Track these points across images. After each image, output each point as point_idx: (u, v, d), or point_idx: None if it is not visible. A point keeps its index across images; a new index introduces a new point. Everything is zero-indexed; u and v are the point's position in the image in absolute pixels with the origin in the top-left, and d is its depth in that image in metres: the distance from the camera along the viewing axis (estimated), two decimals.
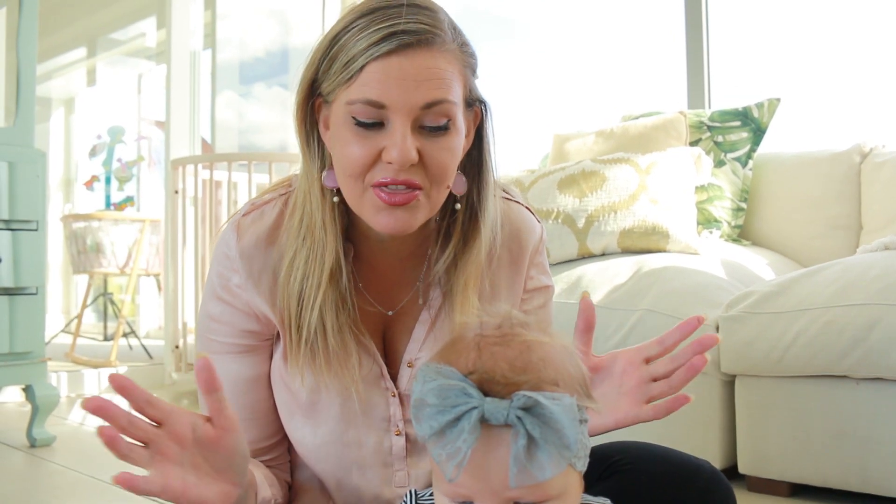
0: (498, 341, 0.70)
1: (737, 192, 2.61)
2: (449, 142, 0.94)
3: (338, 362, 1.00)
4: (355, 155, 0.92)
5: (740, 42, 3.27)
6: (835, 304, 1.80)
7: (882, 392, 1.75)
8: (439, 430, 0.65)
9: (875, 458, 1.75)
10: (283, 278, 1.00)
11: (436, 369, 0.67)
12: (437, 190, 0.95)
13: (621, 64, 3.82)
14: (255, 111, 5.42)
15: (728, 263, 2.28)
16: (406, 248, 1.06)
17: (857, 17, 3.00)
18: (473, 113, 1.01)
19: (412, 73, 0.90)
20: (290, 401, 1.06)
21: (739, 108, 2.67)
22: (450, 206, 1.04)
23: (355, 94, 0.91)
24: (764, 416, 1.92)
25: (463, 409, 0.64)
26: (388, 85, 0.89)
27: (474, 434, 0.64)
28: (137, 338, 4.76)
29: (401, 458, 1.06)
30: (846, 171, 2.55)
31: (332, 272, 0.98)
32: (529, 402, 0.64)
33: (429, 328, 1.06)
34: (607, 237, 2.38)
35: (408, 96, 0.90)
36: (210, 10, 5.03)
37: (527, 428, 0.64)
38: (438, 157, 0.93)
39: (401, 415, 1.05)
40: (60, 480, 2.24)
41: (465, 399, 0.65)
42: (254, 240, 1.02)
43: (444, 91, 0.92)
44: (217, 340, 1.06)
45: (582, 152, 2.79)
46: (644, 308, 2.10)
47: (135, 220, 4.46)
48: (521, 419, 0.64)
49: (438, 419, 0.65)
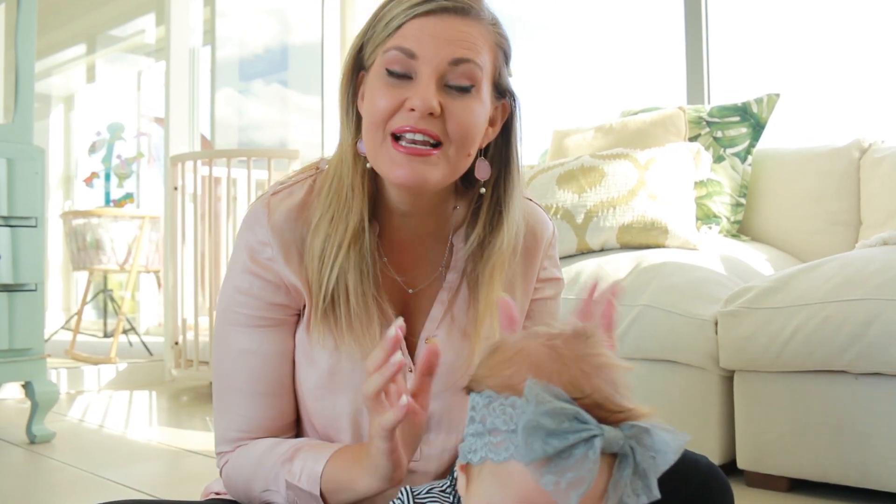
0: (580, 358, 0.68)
1: (736, 187, 2.61)
2: (471, 104, 0.98)
3: (359, 325, 1.02)
4: (381, 104, 0.98)
5: (740, 37, 3.27)
6: (833, 300, 1.80)
7: (881, 387, 1.75)
8: (552, 455, 0.63)
9: (874, 452, 1.75)
10: (309, 238, 1.04)
11: (545, 389, 0.64)
12: (456, 151, 0.98)
13: (621, 59, 3.82)
14: (254, 108, 5.42)
15: (727, 259, 2.28)
16: (428, 227, 1.10)
17: (857, 12, 3.00)
18: (503, 105, 1.06)
19: (445, 33, 0.97)
20: (310, 372, 1.07)
21: (739, 104, 2.66)
22: (475, 194, 1.08)
23: (391, 44, 0.98)
24: (763, 412, 1.92)
25: (582, 437, 0.62)
26: (422, 39, 0.97)
27: (598, 463, 0.62)
28: (137, 334, 4.76)
29: None
30: (845, 167, 2.55)
31: (356, 234, 1.01)
32: (640, 431, 0.64)
33: (446, 309, 1.08)
34: (606, 233, 2.37)
35: (438, 50, 0.96)
36: (209, 6, 5.03)
37: (636, 458, 0.64)
38: (459, 115, 0.97)
39: None
40: (60, 477, 2.24)
41: (583, 426, 0.63)
42: (284, 214, 1.05)
43: (473, 53, 0.98)
44: (243, 313, 1.07)
45: (581, 148, 2.79)
46: (643, 303, 2.10)
47: (134, 216, 4.46)
48: (633, 449, 0.64)
49: (553, 444, 0.62)
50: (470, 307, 1.08)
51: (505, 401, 0.66)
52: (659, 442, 0.64)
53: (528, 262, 1.14)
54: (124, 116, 5.71)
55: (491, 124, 1.04)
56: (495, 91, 1.03)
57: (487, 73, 1.00)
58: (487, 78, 1.00)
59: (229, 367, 1.09)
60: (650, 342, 2.08)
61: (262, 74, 5.31)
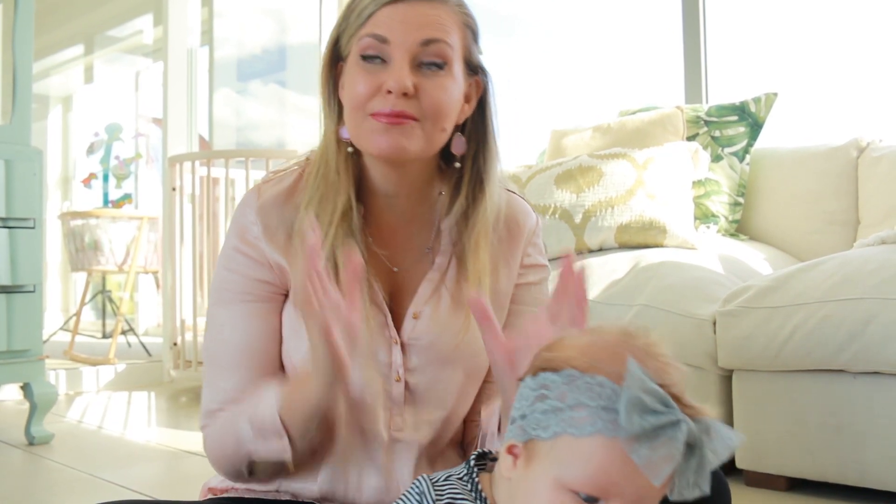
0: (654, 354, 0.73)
1: (734, 186, 2.61)
2: (443, 81, 1.04)
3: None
4: (359, 89, 1.04)
5: (737, 37, 3.27)
6: (832, 299, 1.81)
7: (879, 386, 1.75)
8: (651, 431, 0.67)
9: (872, 451, 1.75)
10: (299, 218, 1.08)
11: (642, 371, 0.69)
12: (431, 125, 1.04)
13: (619, 59, 3.82)
14: (252, 108, 5.41)
15: (725, 258, 2.28)
16: (412, 209, 1.14)
17: (855, 11, 3.00)
18: (476, 81, 1.12)
19: (414, 17, 1.03)
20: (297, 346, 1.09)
21: (737, 103, 2.66)
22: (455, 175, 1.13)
23: (364, 31, 1.05)
24: (761, 411, 1.92)
25: (671, 419, 0.67)
26: (392, 24, 1.03)
27: (683, 446, 0.67)
28: (136, 335, 4.76)
29: (399, 404, 1.10)
30: (843, 166, 2.55)
31: (344, 211, 1.07)
32: (708, 426, 0.69)
33: (435, 286, 1.12)
34: (604, 232, 2.38)
35: (408, 34, 1.03)
36: (207, 7, 5.02)
37: (703, 451, 0.68)
38: (432, 93, 1.03)
39: (401, 362, 1.09)
40: (58, 478, 2.24)
41: (671, 410, 0.68)
42: (272, 197, 1.11)
43: (442, 33, 1.04)
44: (230, 290, 1.11)
45: (579, 147, 2.79)
46: (641, 303, 2.10)
47: (132, 217, 4.46)
48: (703, 442, 0.68)
49: (651, 420, 0.67)
50: (460, 277, 1.12)
51: (591, 379, 0.71)
52: (721, 438, 0.68)
53: (511, 248, 1.17)
54: (122, 117, 5.72)
55: (466, 101, 1.10)
56: (467, 68, 1.09)
57: (458, 52, 1.06)
58: (458, 56, 1.07)
59: (216, 342, 1.12)
60: None
61: (260, 74, 5.31)
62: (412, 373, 1.10)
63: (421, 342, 1.10)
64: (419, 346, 1.10)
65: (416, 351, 1.10)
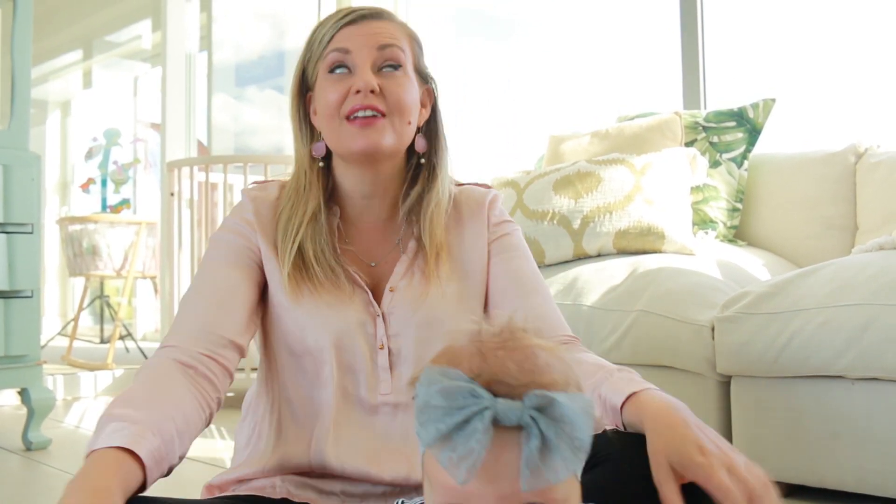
0: (500, 345, 0.68)
1: (732, 192, 2.61)
2: (402, 80, 1.22)
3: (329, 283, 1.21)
4: (331, 97, 1.20)
5: (735, 42, 3.27)
6: (830, 305, 1.80)
7: (877, 392, 1.75)
8: (447, 433, 0.63)
9: (871, 458, 1.75)
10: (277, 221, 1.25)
11: (440, 371, 0.65)
12: (398, 119, 1.21)
13: (617, 65, 3.83)
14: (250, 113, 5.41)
15: (724, 264, 2.28)
16: (383, 208, 1.30)
17: (853, 17, 3.01)
18: (427, 90, 1.30)
19: (369, 30, 1.22)
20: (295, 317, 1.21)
21: (735, 109, 2.67)
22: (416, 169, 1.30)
23: (327, 51, 1.22)
24: (759, 417, 1.92)
25: (473, 410, 0.62)
26: (352, 38, 1.22)
27: (488, 434, 0.62)
28: (134, 340, 4.76)
29: (385, 369, 1.22)
30: (841, 172, 2.55)
31: (313, 215, 1.23)
32: (544, 401, 0.62)
33: (407, 266, 1.27)
34: (603, 238, 2.38)
35: (366, 41, 1.21)
36: (206, 12, 5.02)
37: (541, 428, 0.62)
38: (395, 90, 1.20)
39: (384, 331, 1.23)
40: (56, 484, 2.23)
41: (475, 400, 0.63)
42: (263, 197, 1.29)
43: (395, 40, 1.23)
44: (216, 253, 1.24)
45: (577, 153, 2.79)
46: (640, 309, 2.10)
47: (131, 222, 4.46)
48: (535, 419, 0.62)
49: (446, 421, 0.63)
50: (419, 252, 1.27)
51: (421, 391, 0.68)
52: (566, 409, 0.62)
53: (475, 221, 1.33)
54: (121, 122, 5.72)
55: (423, 105, 1.28)
56: (419, 76, 1.27)
57: (409, 58, 1.25)
58: (410, 61, 1.25)
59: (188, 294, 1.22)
60: (647, 348, 2.08)
61: (259, 80, 5.31)
62: (394, 338, 1.22)
63: (400, 310, 1.23)
64: (398, 314, 1.23)
65: (396, 319, 1.23)
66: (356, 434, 1.19)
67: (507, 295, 1.28)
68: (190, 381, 1.09)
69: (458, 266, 1.29)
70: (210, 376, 1.12)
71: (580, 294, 2.24)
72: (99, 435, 0.95)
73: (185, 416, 1.06)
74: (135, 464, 0.93)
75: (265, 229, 1.25)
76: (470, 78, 4.33)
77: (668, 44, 3.27)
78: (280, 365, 1.25)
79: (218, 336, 1.15)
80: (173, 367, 1.10)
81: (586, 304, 2.21)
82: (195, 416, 1.08)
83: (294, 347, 1.23)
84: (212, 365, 1.13)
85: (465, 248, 1.30)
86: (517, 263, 1.31)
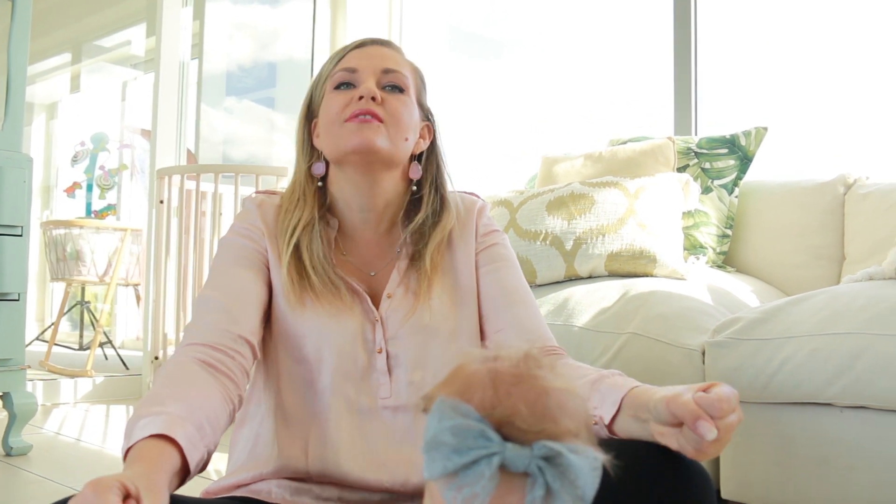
0: (514, 381, 0.68)
1: (722, 218, 2.64)
2: (404, 100, 1.28)
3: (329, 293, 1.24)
4: (334, 106, 1.27)
5: (727, 70, 3.31)
6: (821, 333, 1.82)
7: (865, 420, 1.76)
8: (453, 472, 0.62)
9: (857, 485, 1.76)
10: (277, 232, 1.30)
11: (452, 406, 0.65)
12: (395, 130, 1.26)
13: (608, 88, 3.86)
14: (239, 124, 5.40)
15: (714, 289, 2.30)
16: (382, 224, 1.34)
17: (846, 49, 3.05)
18: (427, 126, 1.37)
19: (376, 54, 1.30)
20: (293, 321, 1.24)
21: (727, 136, 2.69)
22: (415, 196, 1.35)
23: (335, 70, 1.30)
24: (748, 442, 1.93)
25: (482, 453, 0.62)
26: (359, 59, 1.29)
27: (494, 481, 0.62)
28: (114, 347, 4.72)
29: (384, 373, 1.25)
30: (830, 202, 2.58)
31: (307, 224, 1.27)
32: (551, 452, 0.63)
33: (404, 272, 1.31)
34: (595, 260, 2.39)
35: (371, 62, 1.29)
36: (199, 20, 5.02)
37: (546, 479, 0.62)
38: (395, 105, 1.27)
39: (382, 336, 1.26)
40: (37, 490, 2.21)
41: (485, 443, 0.63)
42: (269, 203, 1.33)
43: (399, 66, 1.30)
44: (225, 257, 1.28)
45: (570, 175, 2.80)
46: (630, 331, 2.11)
47: (117, 228, 4.43)
48: (542, 469, 0.62)
49: (454, 460, 0.62)
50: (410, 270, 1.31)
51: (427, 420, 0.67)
52: (574, 464, 0.63)
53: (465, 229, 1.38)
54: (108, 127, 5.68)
55: (422, 137, 1.35)
56: (421, 110, 1.34)
57: (412, 87, 1.32)
58: (413, 91, 1.31)
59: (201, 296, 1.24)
60: (637, 370, 2.08)
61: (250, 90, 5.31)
62: (392, 342, 1.26)
63: (397, 314, 1.27)
64: (395, 318, 1.27)
65: (393, 322, 1.26)
66: (355, 440, 1.21)
67: (495, 305, 1.34)
68: (212, 377, 1.11)
69: (451, 274, 1.34)
70: (230, 374, 1.14)
71: (571, 315, 2.25)
72: (130, 434, 0.94)
73: (213, 408, 1.06)
74: (173, 448, 0.93)
75: (271, 233, 1.29)
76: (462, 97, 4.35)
77: (661, 69, 3.31)
78: (279, 370, 1.27)
79: (234, 335, 1.17)
80: (195, 365, 1.11)
81: (577, 324, 2.22)
82: (221, 410, 1.09)
83: (294, 354, 1.25)
84: (230, 363, 1.15)
85: (457, 257, 1.36)
86: (504, 273, 1.36)
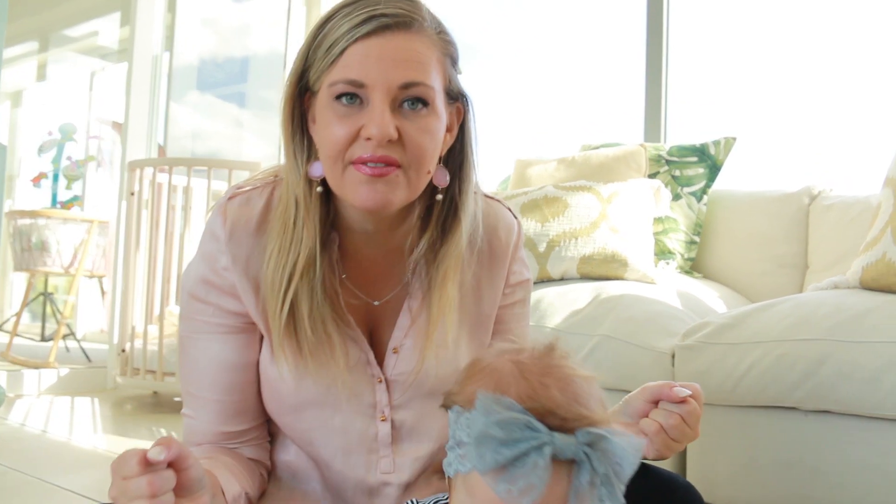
0: (544, 372, 0.71)
1: (691, 225, 2.69)
2: (427, 123, 0.97)
3: (321, 352, 1.01)
4: (336, 134, 0.96)
5: (698, 80, 3.37)
6: (788, 338, 1.87)
7: (829, 424, 1.82)
8: (504, 464, 0.64)
9: (820, 487, 1.81)
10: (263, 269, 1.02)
11: (496, 400, 0.66)
12: (415, 172, 0.97)
13: (581, 94, 3.91)
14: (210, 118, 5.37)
15: (683, 294, 2.35)
16: (390, 241, 1.08)
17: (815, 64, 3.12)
18: (456, 108, 1.05)
19: (390, 54, 0.94)
20: (276, 388, 1.06)
21: (697, 145, 2.75)
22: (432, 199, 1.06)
23: (337, 75, 0.95)
24: (715, 444, 1.97)
25: (532, 444, 0.64)
26: (368, 65, 0.94)
27: (548, 471, 0.64)
28: (76, 340, 4.67)
29: (386, 445, 1.07)
30: (795, 212, 2.65)
31: (306, 266, 0.99)
32: (595, 438, 0.66)
33: (413, 318, 1.08)
34: (567, 262, 2.43)
35: (386, 75, 0.94)
36: (171, 13, 4.99)
37: (593, 464, 0.65)
38: (416, 138, 0.96)
39: (387, 401, 1.06)
40: (4, 481, 2.19)
41: (533, 434, 0.65)
42: (242, 224, 1.04)
43: (422, 74, 0.96)
44: (202, 320, 1.06)
45: (543, 178, 2.84)
46: (602, 334, 2.15)
47: (84, 220, 4.39)
48: (588, 455, 0.65)
49: (504, 453, 0.64)
50: (423, 310, 1.07)
51: (469, 415, 0.69)
52: (617, 447, 0.65)
53: (496, 265, 1.14)
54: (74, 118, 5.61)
55: (448, 130, 1.03)
56: (448, 98, 1.02)
57: (439, 86, 0.99)
58: (440, 91, 0.99)
59: (194, 372, 1.08)
60: (608, 372, 2.12)
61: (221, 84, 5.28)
62: (398, 409, 1.06)
63: (406, 378, 1.06)
64: (403, 382, 1.06)
65: (401, 387, 1.06)
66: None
67: None
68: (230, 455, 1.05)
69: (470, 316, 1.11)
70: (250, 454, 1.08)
71: (543, 316, 2.29)
72: None
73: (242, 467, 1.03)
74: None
75: (247, 271, 1.04)
76: None
77: (633, 77, 3.36)
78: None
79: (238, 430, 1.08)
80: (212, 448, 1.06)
81: (549, 325, 2.25)
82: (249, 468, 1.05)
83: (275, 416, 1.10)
84: (246, 450, 1.09)
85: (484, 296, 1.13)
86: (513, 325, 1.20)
